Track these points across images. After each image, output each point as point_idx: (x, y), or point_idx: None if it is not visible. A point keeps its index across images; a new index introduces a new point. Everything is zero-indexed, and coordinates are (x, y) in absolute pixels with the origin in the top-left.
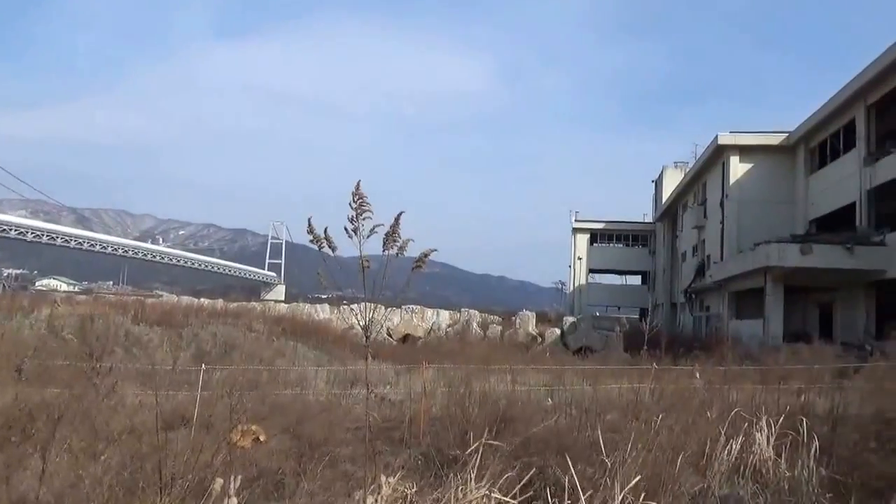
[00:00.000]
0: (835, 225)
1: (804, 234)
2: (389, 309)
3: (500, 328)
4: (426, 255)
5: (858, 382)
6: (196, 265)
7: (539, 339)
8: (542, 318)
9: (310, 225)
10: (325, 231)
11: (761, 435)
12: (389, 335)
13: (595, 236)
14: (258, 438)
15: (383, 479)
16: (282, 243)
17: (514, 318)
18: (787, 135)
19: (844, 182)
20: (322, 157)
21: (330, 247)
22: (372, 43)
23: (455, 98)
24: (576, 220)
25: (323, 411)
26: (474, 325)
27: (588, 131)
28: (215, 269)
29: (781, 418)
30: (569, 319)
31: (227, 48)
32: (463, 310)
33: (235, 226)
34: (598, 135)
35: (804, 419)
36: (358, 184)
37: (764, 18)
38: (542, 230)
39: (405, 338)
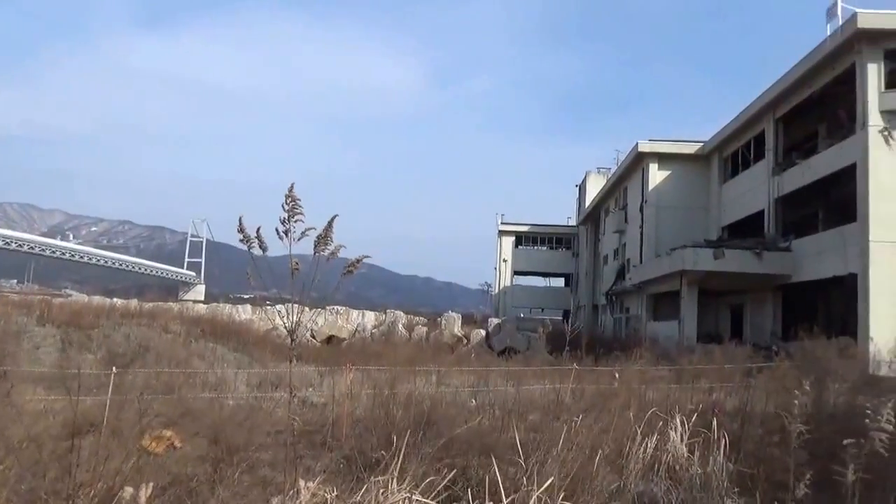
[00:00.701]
0: (745, 231)
1: (717, 239)
2: (315, 310)
3: (425, 329)
4: (359, 261)
5: (764, 381)
6: (109, 263)
7: (464, 341)
8: (467, 320)
9: (240, 224)
10: (258, 231)
11: (675, 433)
12: (313, 337)
13: (520, 239)
14: (173, 444)
15: (302, 483)
16: (202, 241)
17: (439, 319)
18: (702, 144)
19: (754, 191)
20: (246, 153)
21: (261, 247)
22: (300, 40)
23: (383, 97)
24: (501, 223)
25: (242, 415)
26: (400, 326)
27: (516, 135)
28: (130, 267)
29: (694, 416)
30: (494, 321)
31: (147, 38)
32: (389, 311)
33: (153, 223)
34: (526, 139)
35: (715, 417)
36: (291, 186)
37: (683, 34)
38: (470, 232)
39: (329, 339)
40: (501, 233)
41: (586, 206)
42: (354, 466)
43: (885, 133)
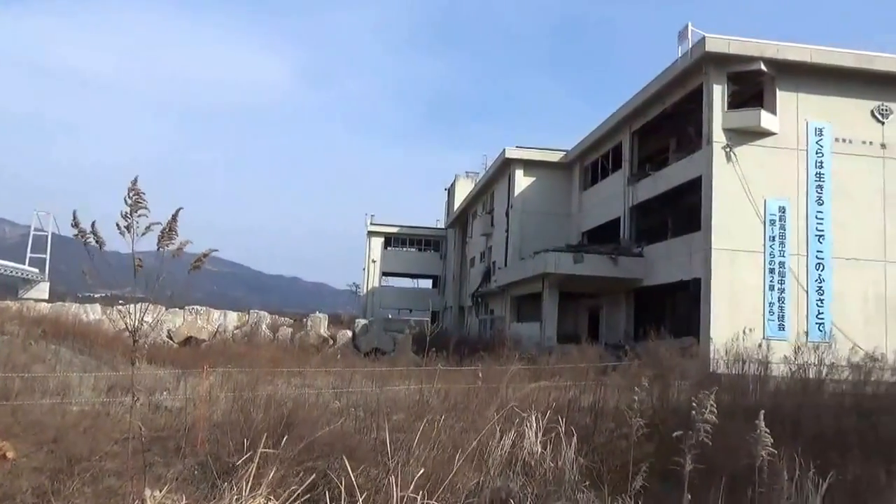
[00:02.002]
0: (603, 237)
1: (577, 244)
2: (171, 310)
3: (290, 330)
4: (205, 255)
5: (616, 378)
6: None
7: (330, 342)
8: (334, 321)
9: (74, 218)
10: (94, 225)
11: (530, 430)
12: (170, 338)
13: (389, 240)
14: (5, 455)
15: (148, 493)
16: (47, 236)
17: (305, 320)
18: (565, 153)
19: (612, 199)
20: (100, 144)
21: (97, 242)
22: (165, 29)
23: (251, 93)
24: (371, 224)
25: (87, 422)
26: (264, 327)
27: (386, 138)
28: None
29: (548, 413)
30: (361, 322)
31: None
32: (252, 311)
33: None
34: (397, 142)
35: (567, 413)
36: (135, 179)
37: (551, 47)
38: (340, 232)
39: (188, 340)
40: (371, 233)
41: (455, 209)
42: (209, 473)
43: (728, 149)
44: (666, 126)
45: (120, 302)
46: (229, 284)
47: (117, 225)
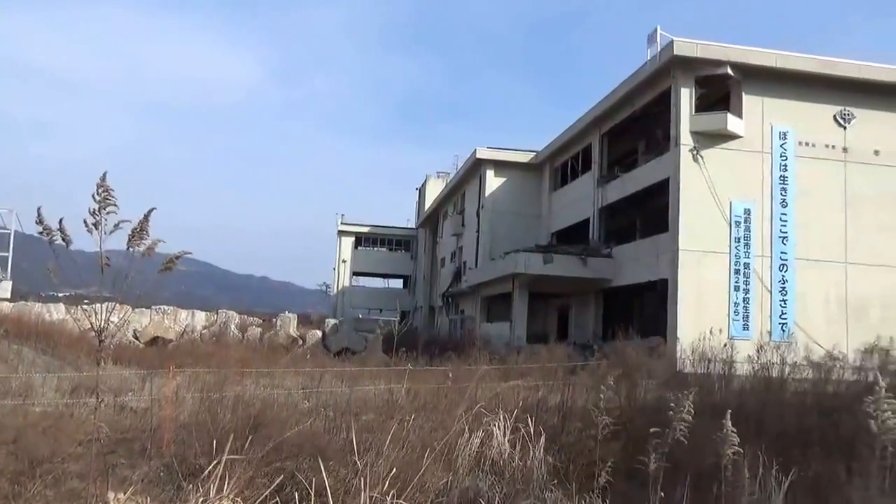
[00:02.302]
0: (573, 238)
1: (547, 244)
2: (137, 309)
3: (260, 330)
4: (178, 257)
5: (584, 378)
6: None
7: (300, 342)
8: (304, 320)
9: (39, 215)
10: (61, 223)
11: (498, 429)
12: (136, 338)
13: (360, 240)
14: None
15: (111, 495)
16: (10, 233)
17: (275, 319)
18: (535, 154)
19: (581, 200)
20: (68, 140)
21: (64, 240)
22: (131, 24)
23: (219, 89)
24: (342, 223)
25: (49, 423)
26: (232, 326)
27: (357, 137)
28: None
29: (515, 412)
30: (331, 321)
31: None
32: (221, 311)
33: None
34: (368, 142)
35: (536, 412)
36: (103, 176)
37: (524, 48)
38: (310, 232)
39: (154, 340)
40: (341, 233)
41: (425, 209)
42: (175, 475)
43: (695, 152)
44: (635, 128)
45: (85, 301)
46: (197, 284)
47: (84, 222)
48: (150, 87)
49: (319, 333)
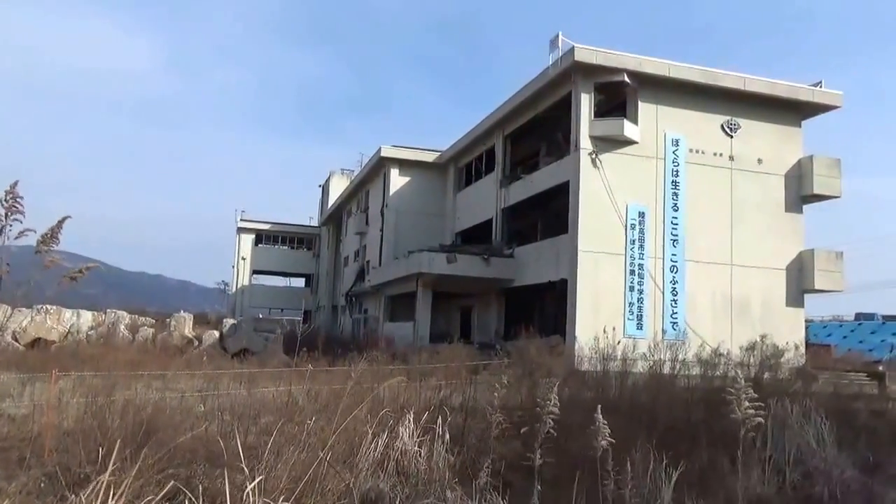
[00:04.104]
0: (476, 238)
1: (451, 244)
2: (17, 309)
3: (152, 331)
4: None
5: (486, 377)
6: None
7: (196, 343)
8: (201, 320)
9: None
10: None
11: (404, 430)
12: (16, 339)
13: (260, 237)
14: None
15: None
16: None
17: (169, 319)
18: (440, 153)
19: (484, 200)
20: None
21: None
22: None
23: (109, 77)
24: (241, 220)
25: None
26: (122, 327)
27: (261, 131)
28: None
29: (421, 413)
30: (229, 321)
31: None
32: (109, 311)
33: None
34: (269, 136)
35: (439, 412)
36: (14, 183)
37: (428, 46)
38: (209, 228)
39: (35, 342)
40: (241, 230)
41: (329, 206)
42: (58, 485)
43: (593, 156)
44: (537, 131)
45: None
46: (84, 281)
47: None
48: (36, 75)
49: (217, 334)
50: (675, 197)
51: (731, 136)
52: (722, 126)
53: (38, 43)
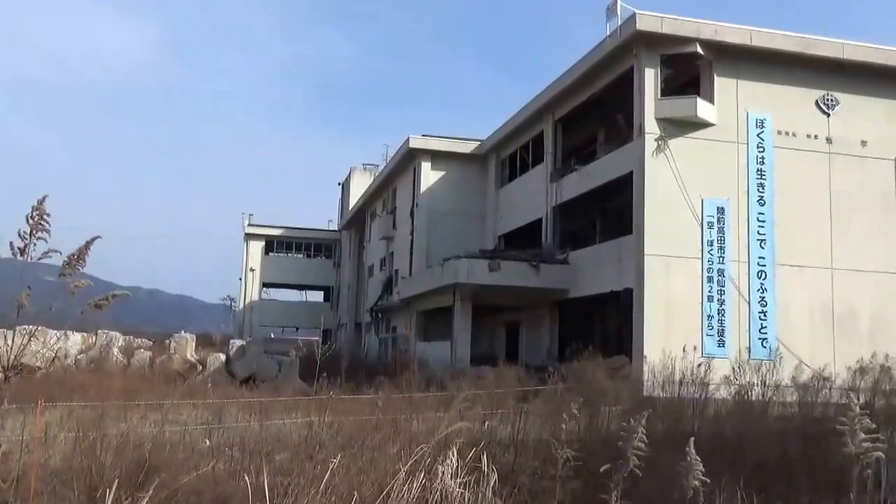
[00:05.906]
0: (523, 241)
1: (493, 249)
2: None
3: (149, 354)
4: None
5: (538, 406)
6: None
7: (199, 368)
8: (204, 342)
9: None
10: None
11: (444, 468)
12: None
13: (271, 244)
14: None
15: None
16: None
17: (168, 341)
18: (479, 143)
19: (532, 197)
20: None
21: None
22: None
23: (103, 65)
24: (249, 224)
25: None
26: (115, 350)
27: (272, 123)
28: None
29: (464, 448)
30: (236, 343)
31: None
32: (101, 332)
33: None
34: (285, 128)
35: (486, 448)
36: (43, 199)
37: (464, 27)
38: (212, 236)
39: (17, 369)
40: (249, 236)
41: (350, 208)
42: None
43: (661, 142)
44: (593, 114)
45: None
46: (73, 299)
47: (11, 244)
48: (19, 61)
49: (223, 357)
50: (760, 189)
51: (828, 115)
52: (816, 102)
53: (37, 40)
